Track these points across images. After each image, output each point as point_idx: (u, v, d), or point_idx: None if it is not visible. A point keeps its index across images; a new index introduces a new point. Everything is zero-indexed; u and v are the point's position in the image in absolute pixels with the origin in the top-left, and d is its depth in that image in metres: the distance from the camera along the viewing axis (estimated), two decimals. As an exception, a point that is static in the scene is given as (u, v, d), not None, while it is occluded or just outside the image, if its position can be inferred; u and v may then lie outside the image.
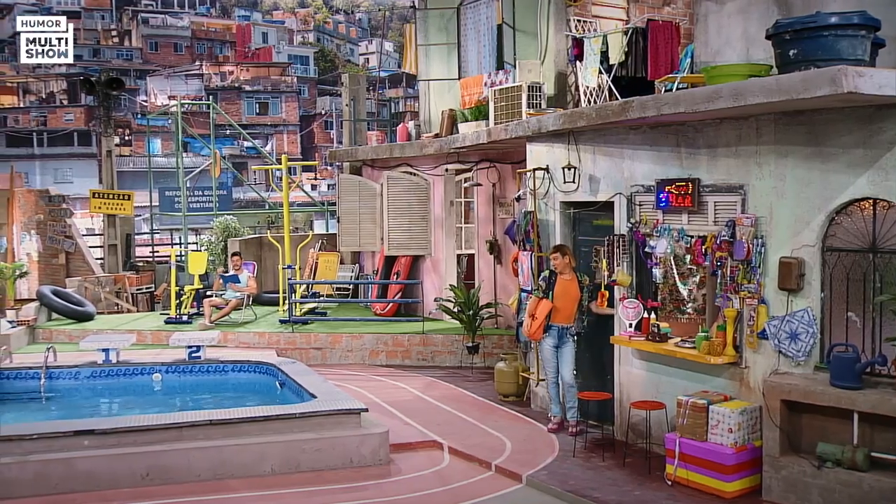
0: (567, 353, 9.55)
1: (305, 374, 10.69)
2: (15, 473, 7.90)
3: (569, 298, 9.52)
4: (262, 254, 18.48)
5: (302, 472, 8.48)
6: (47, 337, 15.32)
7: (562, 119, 9.59)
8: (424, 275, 15.63)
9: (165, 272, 19.85)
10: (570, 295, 9.52)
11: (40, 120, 63.06)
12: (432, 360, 13.76)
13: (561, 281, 9.52)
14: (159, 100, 60.63)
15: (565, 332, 9.56)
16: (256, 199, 35.23)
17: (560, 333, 9.56)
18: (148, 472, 8.18)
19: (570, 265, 9.56)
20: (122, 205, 20.89)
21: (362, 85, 20.95)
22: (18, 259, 19.30)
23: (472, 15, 15.14)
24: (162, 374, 11.68)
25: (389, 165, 16.46)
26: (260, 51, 75.67)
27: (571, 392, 9.49)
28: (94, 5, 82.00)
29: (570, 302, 9.52)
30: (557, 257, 9.52)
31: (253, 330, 14.70)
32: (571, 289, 9.51)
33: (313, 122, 66.13)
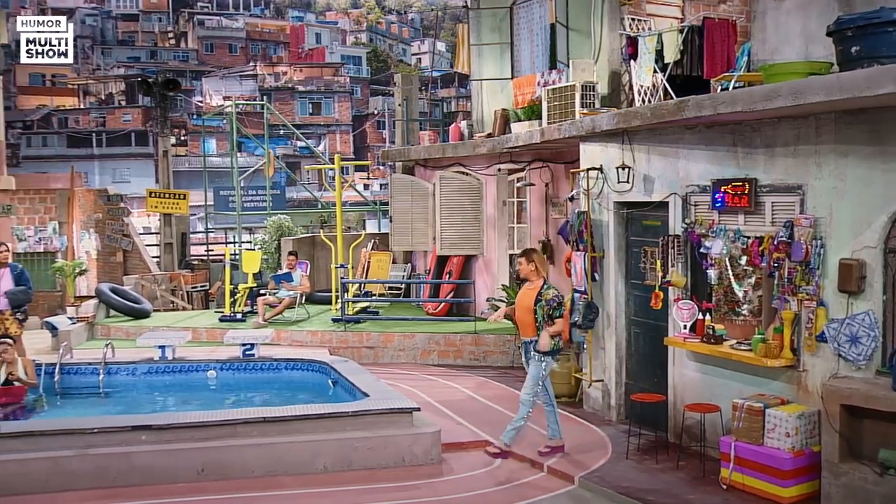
0: (531, 369, 8.76)
1: (358, 373, 10.74)
2: (77, 466, 8.06)
3: (523, 309, 8.79)
4: (314, 253, 18.62)
5: (354, 470, 8.51)
6: (105, 333, 15.60)
7: (616, 118, 9.52)
8: (476, 274, 15.62)
9: (220, 271, 20.13)
10: (523, 305, 8.80)
11: (99, 121, 64.32)
12: (484, 359, 13.75)
13: (524, 289, 8.91)
14: (214, 100, 61.42)
15: (529, 346, 8.78)
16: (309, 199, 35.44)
17: (526, 348, 8.86)
18: (203, 468, 8.27)
19: (540, 273, 8.80)
20: (177, 204, 21.21)
21: (415, 85, 21.01)
22: (78, 257, 19.68)
23: (525, 14, 15.09)
24: (217, 371, 11.83)
25: (442, 165, 16.47)
26: (313, 51, 76.32)
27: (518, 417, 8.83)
28: (151, 8, 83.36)
29: (524, 313, 8.77)
30: (522, 262, 8.87)
31: (306, 328, 14.82)
32: (526, 299, 8.78)
33: (366, 121, 66.50)
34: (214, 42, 78.76)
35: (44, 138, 61.14)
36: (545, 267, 8.97)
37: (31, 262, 19.52)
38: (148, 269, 20.18)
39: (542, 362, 8.71)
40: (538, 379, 8.74)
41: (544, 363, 8.73)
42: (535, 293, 8.70)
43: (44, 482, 7.95)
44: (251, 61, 74.06)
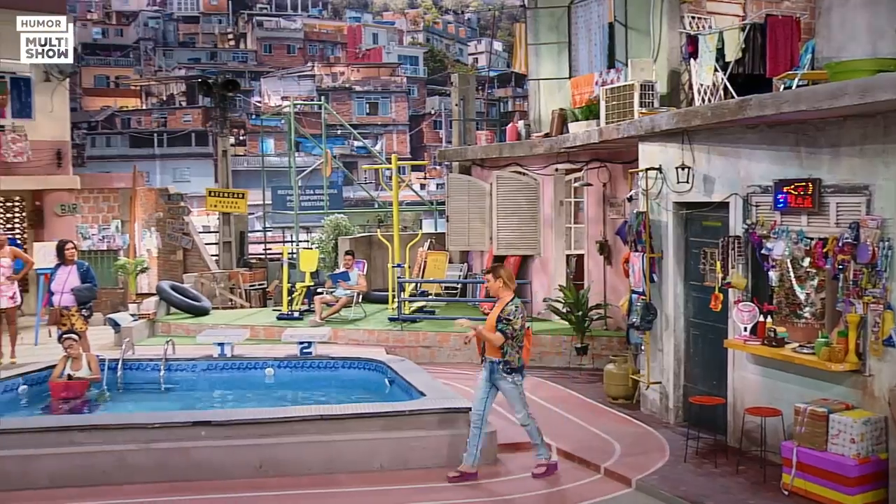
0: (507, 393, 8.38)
1: (414, 372, 10.77)
2: (139, 460, 8.22)
3: (488, 328, 8.35)
4: (371, 252, 18.71)
5: (410, 469, 8.54)
6: (166, 330, 15.85)
7: (676, 118, 9.41)
8: (533, 275, 15.56)
9: (277, 269, 20.32)
10: (489, 323, 8.38)
11: (161, 121, 65.47)
12: (540, 360, 13.68)
13: (495, 307, 8.47)
14: (272, 101, 62.10)
15: (495, 366, 8.33)
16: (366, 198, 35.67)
17: (490, 367, 8.39)
18: (261, 464, 8.37)
19: (508, 289, 8.39)
20: (236, 203, 21.47)
21: (472, 84, 21.00)
22: (140, 255, 20.02)
23: (584, 13, 15.01)
24: (274, 368, 11.94)
25: (499, 165, 16.44)
26: (370, 51, 76.77)
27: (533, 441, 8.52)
28: (211, 10, 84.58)
29: (489, 332, 8.33)
30: (489, 279, 8.49)
31: (362, 327, 14.90)
32: (492, 317, 8.36)
33: (422, 121, 66.68)
34: (273, 43, 79.68)
35: (107, 139, 62.41)
36: (513, 282, 8.51)
37: (94, 259, 19.90)
38: (207, 268, 20.46)
39: (514, 380, 8.32)
40: (520, 397, 8.37)
41: (517, 380, 8.33)
42: (500, 310, 8.29)
43: (108, 474, 8.12)
44: (309, 62, 74.77)
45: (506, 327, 8.19)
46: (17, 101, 19.19)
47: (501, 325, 8.20)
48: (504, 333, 8.19)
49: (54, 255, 13.26)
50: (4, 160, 18.15)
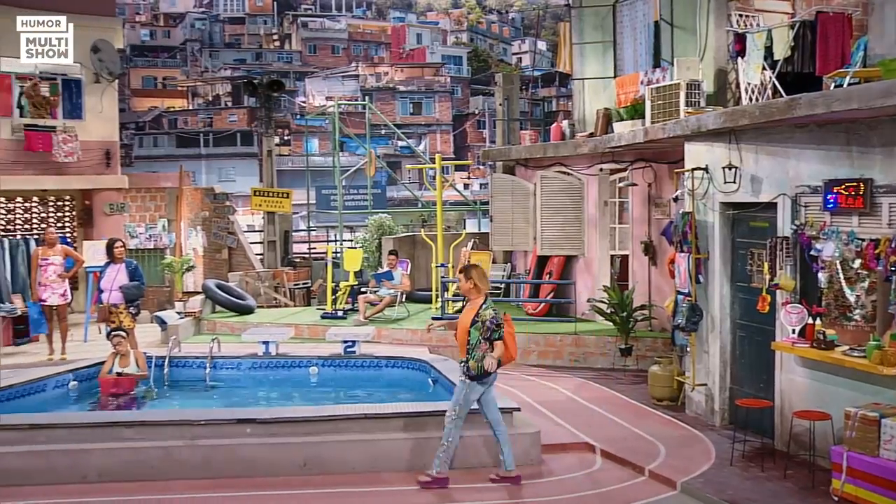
0: (455, 390, 8.27)
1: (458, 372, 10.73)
2: (186, 455, 8.31)
3: (461, 329, 8.23)
4: (415, 252, 18.75)
5: (454, 468, 8.52)
6: (211, 328, 16.03)
7: (723, 117, 9.31)
8: (577, 275, 15.49)
9: (321, 268, 20.45)
10: (462, 325, 8.24)
11: (206, 121, 66.19)
12: (584, 361, 13.63)
13: (466, 308, 8.36)
14: (317, 101, 62.45)
15: (462, 364, 8.22)
16: (410, 198, 35.73)
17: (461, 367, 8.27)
18: (305, 462, 8.42)
19: (479, 290, 8.24)
20: (281, 203, 21.63)
21: (515, 84, 20.95)
22: (186, 254, 20.24)
23: (629, 12, 14.91)
24: (318, 367, 12.00)
25: (543, 165, 16.39)
26: (414, 51, 76.94)
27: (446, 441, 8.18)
28: (256, 11, 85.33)
29: (462, 333, 8.21)
30: (461, 279, 8.34)
31: (406, 327, 14.93)
32: (465, 318, 8.23)
33: (466, 121, 66.67)
34: (317, 43, 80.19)
35: (154, 139, 63.24)
36: (485, 283, 8.36)
37: (141, 258, 20.15)
38: (252, 266, 20.62)
39: (464, 381, 8.12)
40: (464, 402, 8.13)
41: (467, 381, 8.10)
42: (474, 313, 8.15)
43: (155, 470, 8.22)
44: (353, 62, 75.11)
45: (499, 332, 8.08)
46: (69, 103, 19.56)
47: (497, 333, 8.05)
48: (501, 338, 8.09)
49: (104, 253, 13.48)
50: (56, 160, 18.48)
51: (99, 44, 19.27)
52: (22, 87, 18.94)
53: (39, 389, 10.73)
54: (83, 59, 19.22)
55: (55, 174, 18.69)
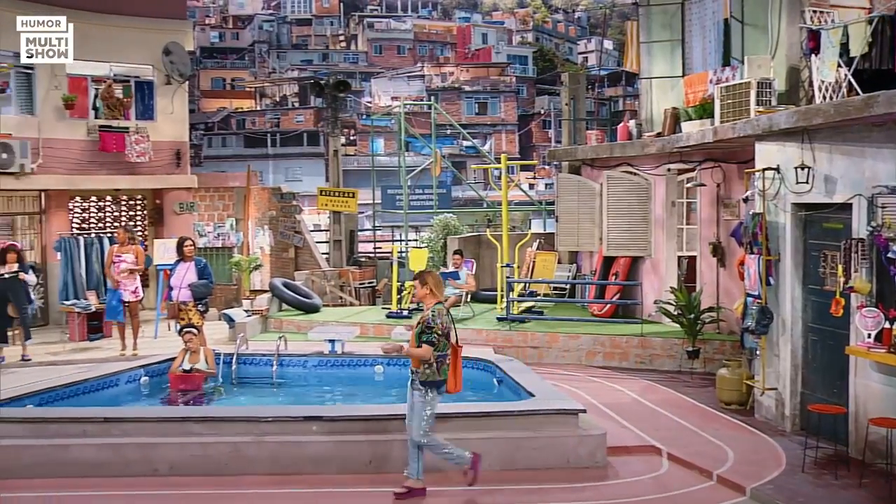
0: (414, 405, 7.92)
1: (523, 373, 10.73)
2: (253, 452, 8.42)
3: (411, 337, 8.03)
4: (480, 252, 18.74)
5: (518, 469, 8.51)
6: (277, 326, 16.21)
7: (795, 116, 9.13)
8: (644, 276, 15.33)
9: (387, 268, 20.55)
10: (413, 333, 8.03)
11: (274, 122, 67.03)
12: (650, 363, 13.49)
13: (419, 317, 8.15)
14: (383, 101, 62.85)
15: (413, 376, 7.94)
16: (475, 198, 35.73)
17: (411, 379, 8.00)
18: (371, 460, 8.47)
19: (434, 296, 8.02)
20: (346, 202, 21.79)
21: (582, 84, 20.84)
22: (253, 253, 20.51)
23: (698, 10, 14.71)
24: (383, 366, 12.05)
25: (609, 165, 16.25)
26: (479, 51, 76.93)
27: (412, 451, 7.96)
28: (323, 12, 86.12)
29: (411, 341, 8.00)
30: (416, 286, 8.16)
31: (471, 327, 14.92)
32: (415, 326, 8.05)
33: (531, 121, 66.48)
34: (383, 44, 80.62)
35: (223, 139, 64.25)
36: (441, 290, 8.17)
37: (209, 256, 20.45)
38: (318, 266, 20.81)
39: (423, 395, 7.85)
40: (423, 415, 7.86)
41: (428, 395, 7.85)
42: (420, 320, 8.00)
43: (223, 465, 8.34)
44: (419, 62, 75.37)
45: (430, 336, 7.80)
46: (141, 104, 20.00)
47: (425, 335, 7.79)
48: (431, 343, 7.79)
49: (174, 251, 13.74)
50: (129, 160, 18.88)
51: (170, 46, 19.65)
52: (97, 89, 19.42)
53: (112, 384, 10.99)
54: (155, 61, 19.65)
55: (128, 174, 19.11)
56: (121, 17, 19.14)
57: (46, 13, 17.64)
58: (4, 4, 17.21)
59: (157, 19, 19.66)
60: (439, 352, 7.86)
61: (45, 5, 17.83)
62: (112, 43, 19.04)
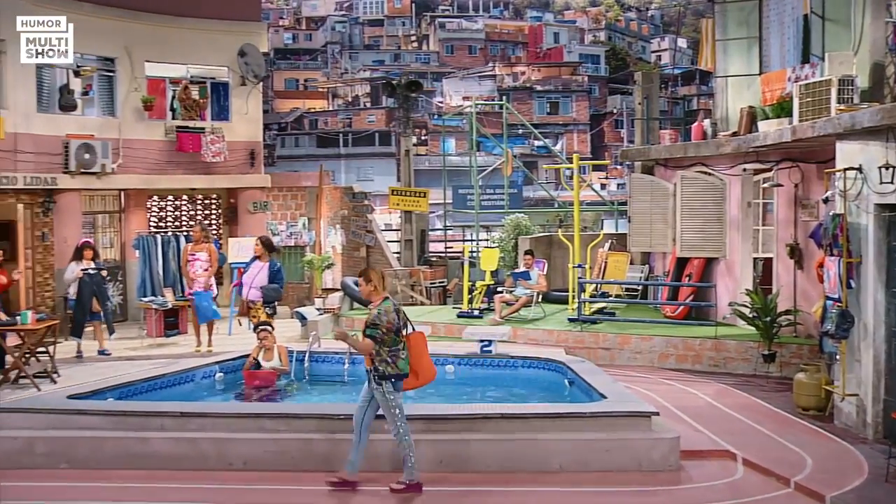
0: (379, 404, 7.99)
1: (595, 374, 10.64)
2: (325, 449, 8.50)
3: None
4: (551, 252, 18.64)
5: (590, 471, 8.43)
6: (349, 325, 16.33)
7: (880, 114, 8.88)
8: (718, 278, 15.07)
9: (457, 267, 20.58)
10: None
11: (346, 122, 67.67)
12: (724, 366, 13.26)
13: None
14: (454, 101, 62.97)
15: (369, 374, 8.02)
16: (546, 198, 35.57)
17: (367, 377, 8.10)
18: (441, 459, 8.47)
19: (379, 293, 8.09)
20: (418, 202, 21.88)
21: (655, 83, 20.58)
22: (325, 251, 20.72)
23: (776, 6, 14.41)
24: (455, 365, 12.06)
25: (683, 165, 16.03)
26: (551, 51, 76.61)
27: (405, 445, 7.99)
28: (395, 13, 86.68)
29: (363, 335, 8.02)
30: (362, 283, 8.23)
31: (542, 327, 14.86)
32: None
33: (603, 121, 65.96)
34: (455, 44, 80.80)
35: (296, 139, 65.05)
36: (384, 286, 8.24)
37: (282, 255, 20.78)
38: (389, 265, 20.92)
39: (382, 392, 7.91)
40: (393, 409, 7.92)
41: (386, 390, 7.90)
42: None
43: (296, 461, 8.44)
44: (490, 62, 75.38)
45: (374, 332, 7.85)
46: (216, 105, 20.38)
47: (369, 331, 7.86)
48: (374, 338, 7.84)
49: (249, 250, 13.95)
50: (204, 160, 19.25)
51: (245, 48, 19.97)
52: (174, 90, 19.84)
53: (188, 379, 11.22)
54: (230, 62, 20.00)
55: (203, 174, 19.48)
56: (197, 20, 19.55)
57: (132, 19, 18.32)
58: (86, 10, 17.72)
59: (232, 22, 20.02)
60: (389, 347, 7.90)
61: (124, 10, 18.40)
62: (189, 45, 19.48)
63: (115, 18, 18.38)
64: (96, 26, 17.98)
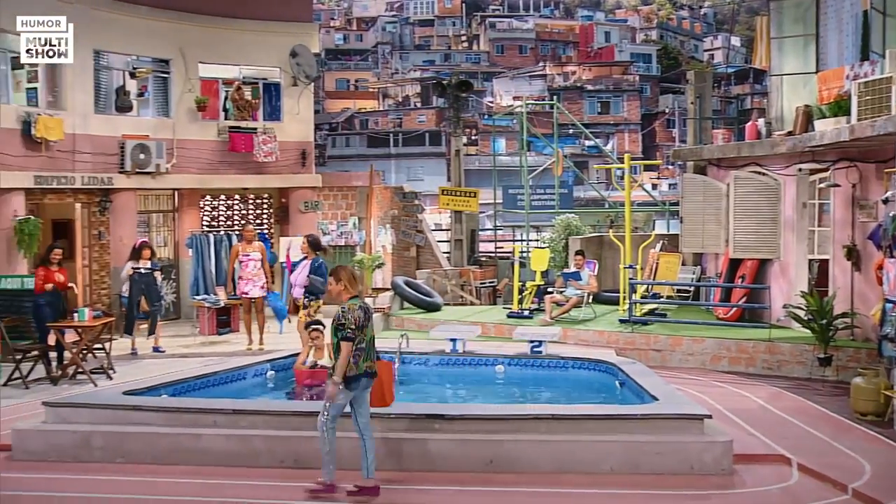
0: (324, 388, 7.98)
1: (646, 376, 10.54)
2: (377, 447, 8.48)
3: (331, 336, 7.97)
4: (602, 252, 18.53)
5: (641, 474, 8.34)
6: (399, 324, 16.39)
7: (941, 113, 8.68)
8: (772, 279, 14.85)
9: (507, 267, 20.53)
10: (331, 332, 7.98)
11: (396, 122, 67.94)
12: (778, 369, 13.06)
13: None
14: (504, 100, 62.89)
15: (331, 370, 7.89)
16: (597, 198, 35.37)
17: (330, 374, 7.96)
18: (492, 460, 8.44)
19: (349, 292, 7.95)
20: (468, 202, 21.89)
21: (708, 82, 20.42)
22: (375, 251, 20.81)
23: (834, 3, 14.19)
24: (505, 366, 12.03)
25: (736, 165, 15.82)
26: (602, 50, 76.21)
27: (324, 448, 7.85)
28: (445, 13, 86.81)
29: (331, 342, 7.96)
30: (331, 282, 8.08)
31: (592, 328, 14.78)
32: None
33: (655, 120, 65.41)
34: (505, 44, 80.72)
35: (346, 139, 65.49)
36: (354, 285, 8.07)
37: (333, 254, 20.90)
38: (439, 264, 20.95)
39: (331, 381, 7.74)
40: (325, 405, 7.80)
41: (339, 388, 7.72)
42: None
43: (347, 460, 8.44)
44: (540, 61, 75.15)
45: (345, 332, 7.68)
46: (268, 105, 20.56)
47: (340, 333, 7.70)
48: (348, 339, 7.67)
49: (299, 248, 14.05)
50: (256, 160, 19.44)
51: (297, 48, 20.12)
52: (227, 91, 20.06)
53: (240, 377, 11.33)
54: (282, 63, 20.17)
55: (255, 173, 19.67)
56: (250, 22, 19.76)
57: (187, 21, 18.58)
58: (142, 13, 18.03)
59: (284, 23, 20.19)
60: (357, 346, 7.75)
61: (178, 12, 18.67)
62: (241, 46, 19.68)
63: (169, 21, 18.67)
64: (152, 28, 18.29)
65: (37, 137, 15.78)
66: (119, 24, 17.79)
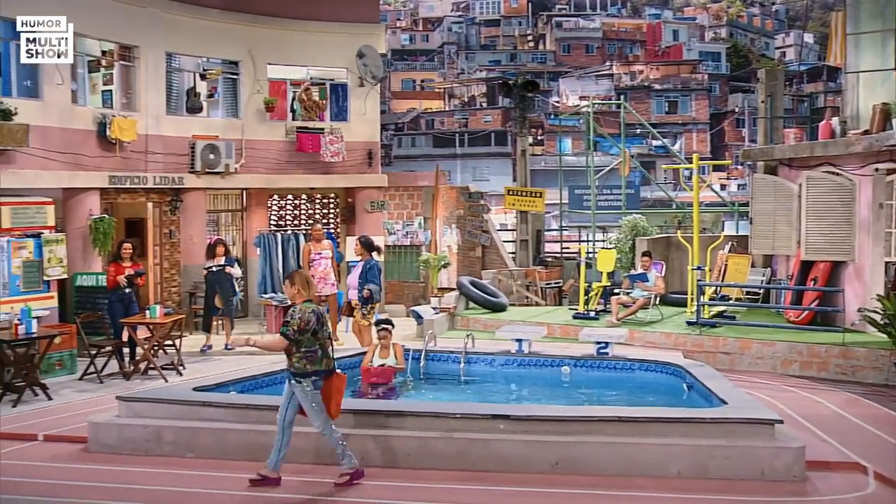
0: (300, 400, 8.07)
1: (714, 379, 10.36)
2: (441, 447, 8.50)
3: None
4: (669, 253, 18.31)
5: (710, 478, 8.19)
6: (464, 324, 16.39)
7: None
8: (846, 282, 14.50)
9: (573, 268, 20.42)
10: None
11: (462, 122, 68.00)
12: (853, 374, 12.74)
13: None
14: (570, 100, 62.54)
15: (287, 373, 8.14)
16: (664, 199, 34.93)
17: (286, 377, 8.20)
18: (557, 461, 8.38)
19: (302, 295, 8.17)
20: (533, 202, 21.80)
21: (780, 80, 20.02)
22: (441, 251, 20.84)
23: (914, -2, 13.79)
24: (571, 367, 11.94)
25: (808, 165, 15.49)
26: (670, 49, 75.26)
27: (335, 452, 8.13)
28: (511, 13, 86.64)
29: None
30: (286, 285, 8.33)
31: (659, 330, 14.61)
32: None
33: (724, 120, 64.43)
34: (571, 43, 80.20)
35: (412, 139, 65.73)
36: (308, 289, 8.26)
37: (398, 254, 21.03)
38: (504, 265, 20.90)
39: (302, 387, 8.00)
40: (313, 405, 8.03)
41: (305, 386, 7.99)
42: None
43: (411, 458, 8.49)
44: (607, 61, 74.55)
45: (285, 329, 7.95)
46: (335, 106, 20.75)
47: (283, 328, 8.00)
48: (285, 335, 7.93)
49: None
50: (323, 160, 19.63)
51: (364, 49, 20.27)
52: (295, 92, 20.29)
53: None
54: (349, 64, 20.34)
55: (322, 173, 19.86)
56: (317, 23, 19.97)
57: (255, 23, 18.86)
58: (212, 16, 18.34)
59: (351, 24, 20.35)
60: (305, 347, 7.99)
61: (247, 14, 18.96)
62: (309, 48, 19.91)
63: (238, 23, 18.96)
64: (221, 30, 18.59)
65: (111, 138, 16.16)
66: (190, 26, 18.13)
